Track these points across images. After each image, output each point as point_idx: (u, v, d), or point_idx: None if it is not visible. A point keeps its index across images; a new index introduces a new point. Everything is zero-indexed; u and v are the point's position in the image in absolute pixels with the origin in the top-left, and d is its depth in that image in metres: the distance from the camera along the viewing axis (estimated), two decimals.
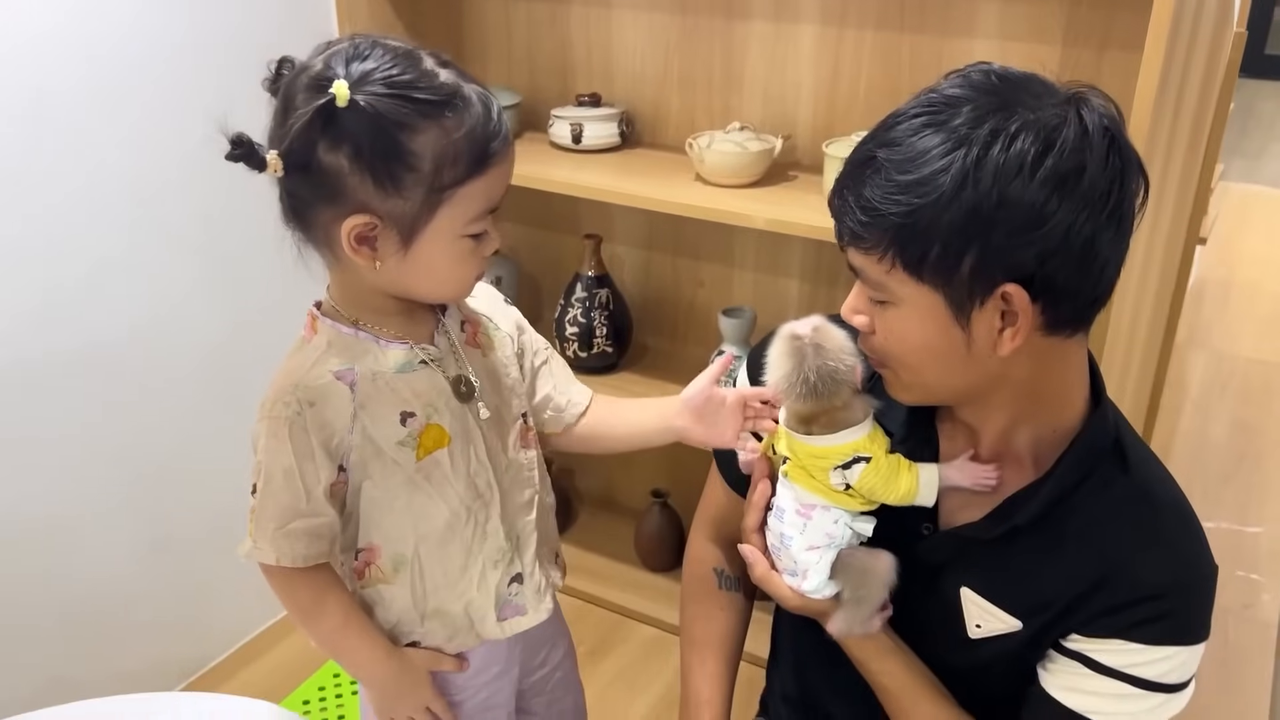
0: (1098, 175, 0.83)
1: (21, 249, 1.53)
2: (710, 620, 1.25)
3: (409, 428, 1.00)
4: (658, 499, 2.22)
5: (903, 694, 1.05)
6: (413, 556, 1.06)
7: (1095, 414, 0.97)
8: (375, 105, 0.88)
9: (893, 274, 0.88)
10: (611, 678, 2.02)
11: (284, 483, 0.98)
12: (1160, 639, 0.94)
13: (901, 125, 0.87)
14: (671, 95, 2.00)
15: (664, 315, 2.20)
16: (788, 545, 1.02)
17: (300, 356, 1.00)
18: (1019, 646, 1.00)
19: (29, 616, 1.66)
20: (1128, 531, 0.95)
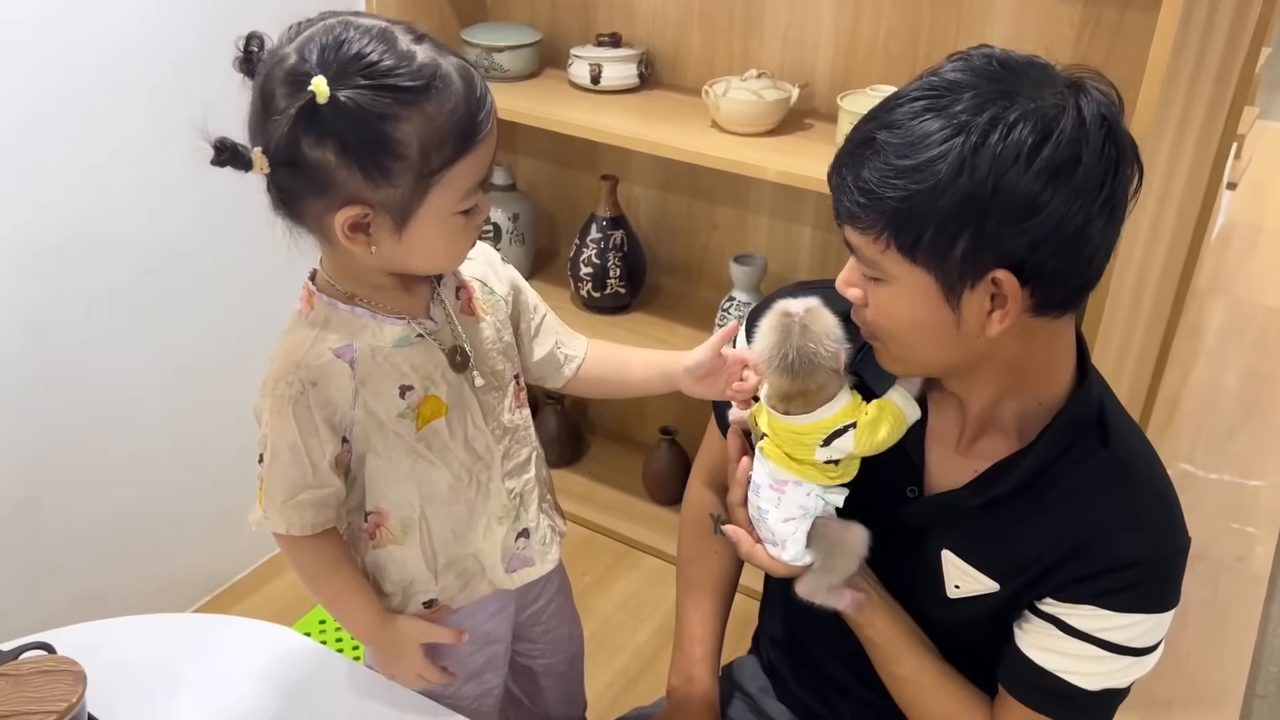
0: (1093, 166, 0.84)
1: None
2: (705, 563, 1.30)
3: (407, 400, 1.02)
4: (666, 436, 2.27)
5: (888, 646, 1.09)
6: (419, 518, 1.09)
7: (1080, 388, 1.00)
8: (356, 99, 0.87)
9: (887, 254, 0.90)
10: (615, 605, 2.09)
11: (290, 458, 1.01)
12: (1130, 607, 0.98)
13: (902, 108, 0.88)
14: (692, 36, 2.00)
15: (678, 257, 2.22)
16: (764, 518, 1.04)
17: (298, 334, 1.01)
18: (996, 606, 1.04)
19: (62, 532, 1.75)
20: (1104, 503, 0.98)
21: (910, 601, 1.10)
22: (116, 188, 1.67)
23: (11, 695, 1.02)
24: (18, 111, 1.52)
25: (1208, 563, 2.24)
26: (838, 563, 1.04)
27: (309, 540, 1.06)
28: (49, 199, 1.59)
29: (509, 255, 2.19)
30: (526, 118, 1.91)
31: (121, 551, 1.85)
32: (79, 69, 1.56)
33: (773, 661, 1.31)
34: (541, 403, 2.40)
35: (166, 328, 1.80)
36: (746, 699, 1.31)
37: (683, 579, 1.32)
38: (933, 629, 1.10)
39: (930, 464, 1.06)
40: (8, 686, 1.03)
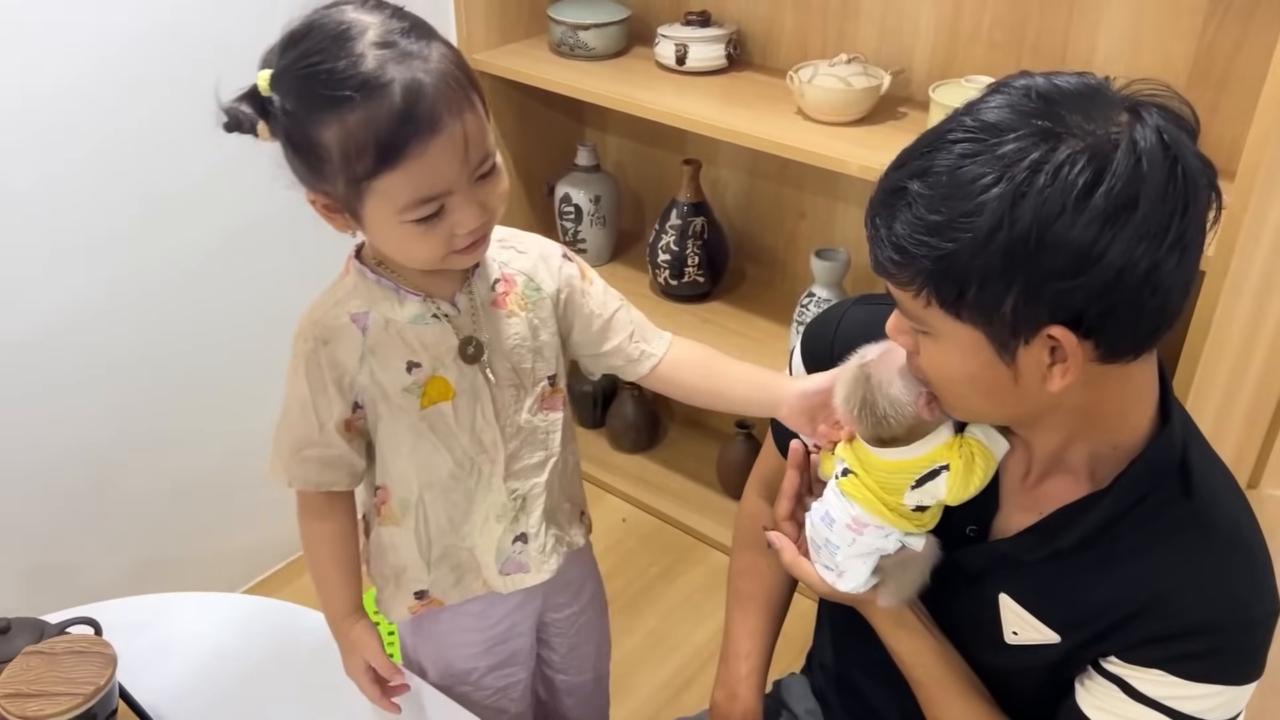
0: (1155, 204, 0.74)
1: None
2: (757, 577, 1.25)
3: (414, 376, 1.03)
4: (742, 429, 2.21)
5: (937, 689, 1.03)
6: (417, 502, 1.09)
7: (1161, 432, 0.91)
8: (286, 100, 0.89)
9: (930, 310, 0.82)
10: (679, 601, 2.06)
11: (300, 413, 1.04)
12: (1204, 676, 0.89)
13: (936, 154, 0.79)
14: (785, 16, 1.91)
15: (763, 245, 2.15)
16: (833, 552, 0.99)
17: (328, 295, 1.04)
18: (1056, 659, 0.97)
19: (125, 504, 1.80)
20: (1180, 558, 0.90)
21: (965, 644, 1.03)
22: (178, 169, 1.68)
23: (44, 674, 1.05)
24: (76, 89, 1.54)
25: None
26: (908, 576, 0.98)
27: (311, 502, 1.09)
28: (114, 181, 1.62)
29: (589, 238, 2.16)
30: (606, 100, 1.86)
31: (181, 526, 1.90)
32: (151, 36, 1.58)
33: (821, 687, 1.26)
34: (620, 387, 2.37)
35: (225, 308, 1.83)
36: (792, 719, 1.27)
37: (733, 591, 1.27)
38: (986, 675, 1.03)
39: (999, 502, 0.98)
40: (41, 665, 1.06)
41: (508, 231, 1.10)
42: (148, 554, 1.83)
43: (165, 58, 1.60)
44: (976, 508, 0.98)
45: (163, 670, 1.14)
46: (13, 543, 1.67)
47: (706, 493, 2.29)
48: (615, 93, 1.84)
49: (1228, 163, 1.52)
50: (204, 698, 1.14)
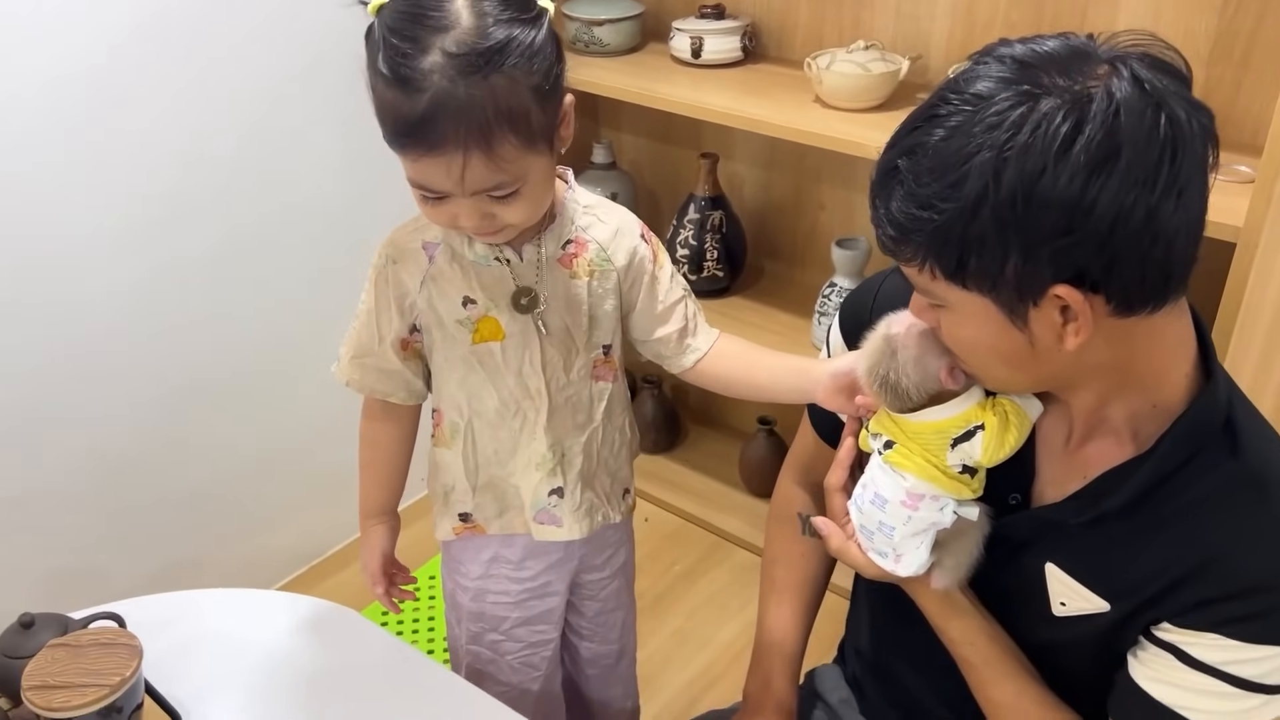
0: (1140, 151, 0.74)
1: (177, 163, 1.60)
2: (791, 565, 1.25)
3: (468, 311, 1.09)
4: (764, 426, 2.20)
5: (987, 669, 1.01)
6: (466, 428, 1.16)
7: (1206, 390, 0.89)
8: (369, 38, 0.95)
9: (936, 282, 0.83)
10: (704, 599, 2.05)
11: (366, 321, 1.13)
12: (1261, 638, 0.87)
13: (920, 129, 0.80)
14: (800, 6, 1.91)
15: (782, 237, 2.14)
16: (888, 534, 0.98)
17: (413, 221, 1.10)
18: (1105, 629, 0.95)
19: (157, 501, 1.80)
20: (1232, 519, 0.88)
21: (1011, 618, 1.02)
22: (199, 174, 1.69)
23: (69, 666, 1.04)
24: (119, 81, 1.55)
25: None
26: (962, 549, 0.97)
27: (369, 406, 1.20)
28: (153, 173, 1.62)
29: None
30: (624, 94, 1.86)
31: (207, 528, 1.90)
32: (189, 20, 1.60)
33: (856, 675, 1.25)
34: (639, 386, 2.36)
35: (251, 311, 1.83)
36: (828, 710, 1.26)
37: (767, 579, 1.27)
38: (1034, 648, 1.02)
39: (1038, 467, 0.97)
40: (67, 657, 1.05)
41: (595, 199, 1.15)
42: (173, 556, 1.83)
43: (173, 55, 1.61)
44: (1018, 476, 0.97)
45: (188, 666, 1.14)
46: (37, 545, 1.67)
47: (729, 491, 2.28)
48: (633, 87, 1.85)
49: (1254, 137, 1.52)
50: (231, 693, 1.13)
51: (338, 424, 1.96)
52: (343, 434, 1.97)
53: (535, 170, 0.97)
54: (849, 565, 1.04)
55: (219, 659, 1.17)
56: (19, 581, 1.63)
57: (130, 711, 1.05)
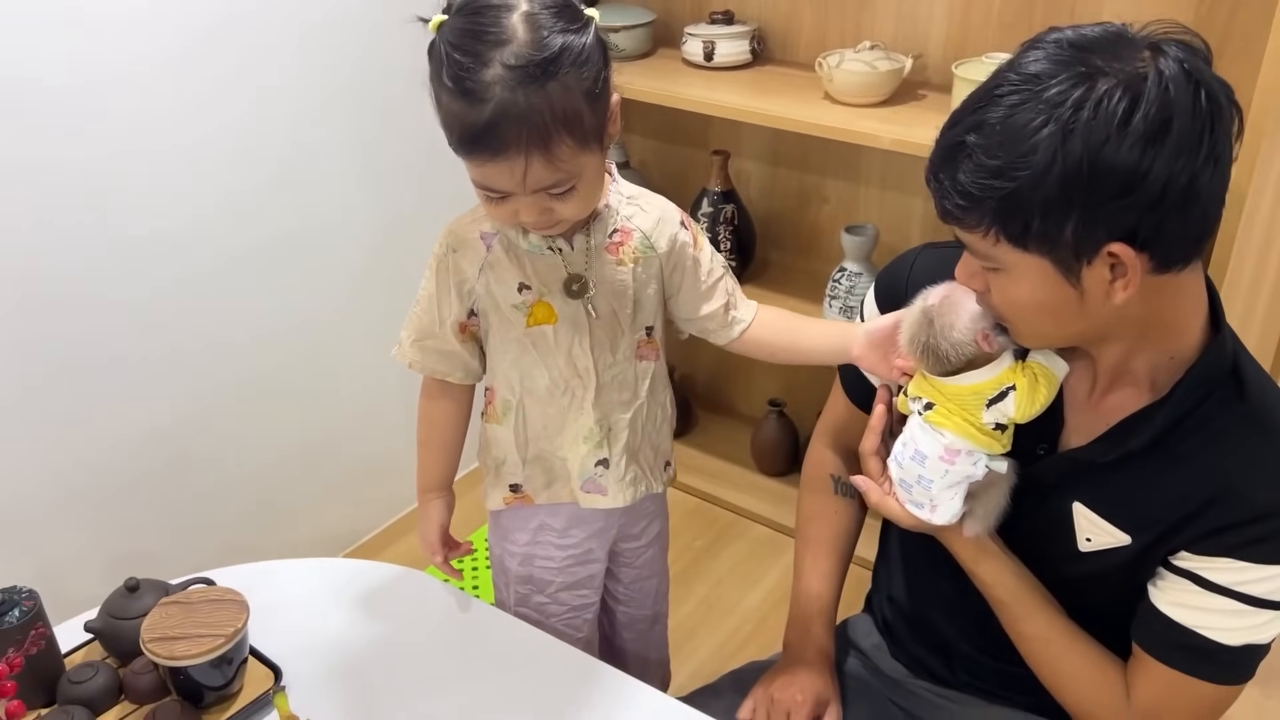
0: (1187, 123, 0.84)
1: (207, 161, 1.69)
2: (824, 522, 1.33)
3: (523, 296, 1.16)
4: (774, 408, 2.30)
5: (1016, 604, 1.10)
6: (517, 405, 1.23)
7: (1214, 341, 0.99)
8: (431, 54, 1.01)
9: (999, 246, 0.91)
10: (726, 570, 2.14)
11: (427, 306, 1.20)
12: (1270, 558, 0.96)
13: (988, 107, 0.89)
14: (804, 11, 2.02)
15: (787, 230, 2.25)
16: (926, 486, 1.05)
17: (471, 213, 1.17)
18: (1127, 560, 1.04)
19: (211, 487, 1.87)
20: (1240, 453, 0.97)
21: (1041, 556, 1.10)
22: (263, 166, 1.78)
23: (184, 620, 1.11)
24: (169, 88, 1.63)
25: None
26: (992, 499, 1.06)
27: (429, 386, 1.27)
28: (192, 171, 1.70)
29: None
30: (643, 94, 1.96)
31: (263, 507, 1.97)
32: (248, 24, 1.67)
33: (888, 621, 1.33)
34: None
35: (304, 293, 1.91)
36: (861, 656, 1.34)
37: (802, 537, 1.35)
38: (1062, 584, 1.10)
39: (1065, 420, 1.06)
40: (180, 613, 1.12)
41: (637, 190, 1.21)
42: (227, 541, 1.90)
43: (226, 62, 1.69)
44: (1045, 428, 1.05)
45: (276, 627, 1.20)
46: (99, 533, 1.73)
47: (742, 472, 2.37)
48: (651, 88, 1.95)
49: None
50: (317, 650, 1.19)
51: (376, 414, 2.06)
52: (380, 424, 2.06)
53: (589, 167, 1.04)
54: (887, 517, 1.12)
55: (302, 619, 1.23)
56: (84, 568, 1.69)
57: (238, 665, 1.12)
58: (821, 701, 1.22)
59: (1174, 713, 1.05)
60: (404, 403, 1.30)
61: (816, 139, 2.02)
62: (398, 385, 2.05)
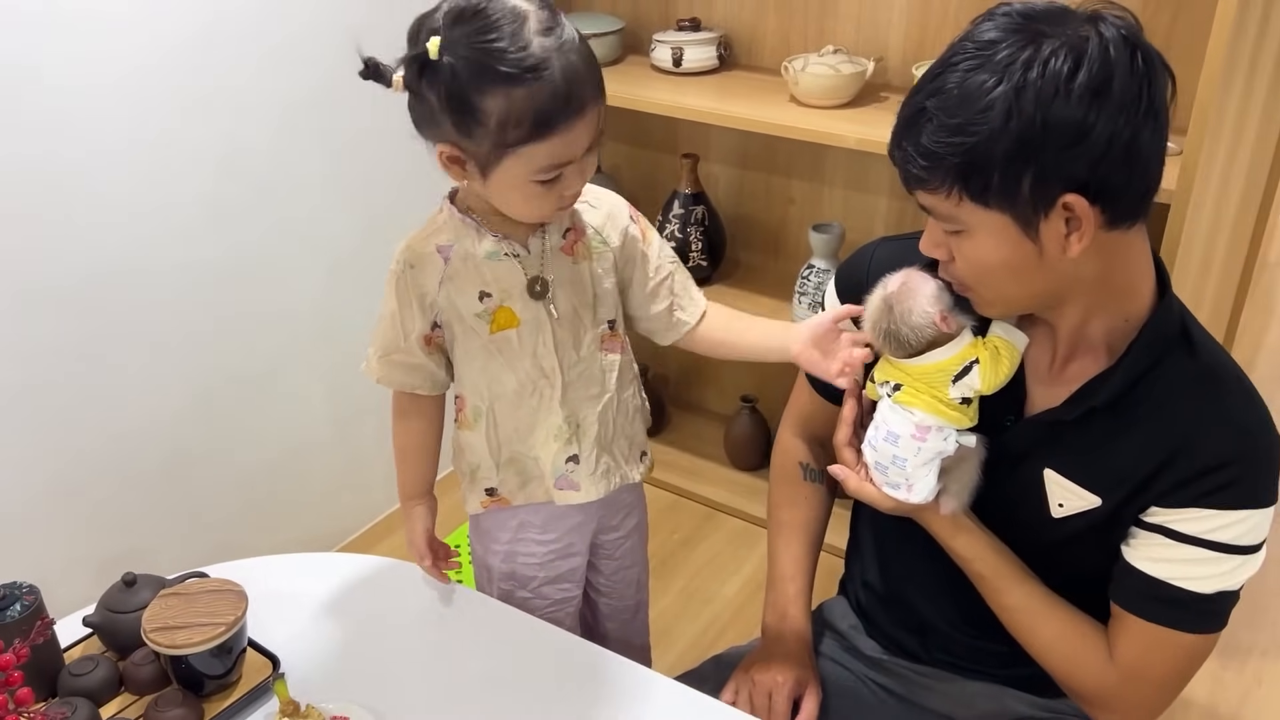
0: (1126, 81, 0.91)
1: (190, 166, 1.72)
2: (795, 508, 1.37)
3: (485, 305, 1.19)
4: (747, 404, 2.35)
5: (995, 577, 1.14)
6: (487, 411, 1.25)
7: (1162, 303, 1.06)
8: (456, 66, 1.02)
9: (962, 206, 0.97)
10: (704, 562, 2.19)
11: (389, 323, 1.22)
12: (1233, 503, 1.01)
13: (945, 74, 0.96)
14: (768, 18, 2.09)
15: (755, 231, 2.31)
16: (901, 466, 1.09)
17: (424, 229, 1.20)
18: (1100, 521, 1.08)
19: (202, 489, 1.89)
20: (1196, 406, 1.03)
21: (1015, 525, 1.14)
22: (256, 166, 1.81)
23: (184, 610, 1.13)
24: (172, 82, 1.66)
25: None
26: (965, 475, 1.11)
27: (398, 400, 1.28)
28: (176, 173, 1.72)
29: None
30: (614, 99, 2.00)
31: (254, 507, 1.99)
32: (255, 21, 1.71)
33: (863, 603, 1.36)
34: None
35: (289, 301, 1.94)
36: (838, 637, 1.38)
37: (774, 523, 1.38)
38: (1039, 552, 1.14)
39: (1028, 391, 1.11)
40: (180, 603, 1.14)
41: (585, 187, 1.23)
42: (218, 540, 1.92)
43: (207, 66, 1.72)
44: (1011, 400, 1.10)
45: (272, 619, 1.22)
46: (94, 532, 1.75)
47: (716, 467, 2.42)
48: (622, 92, 2.00)
49: (1174, 119, 1.71)
50: (314, 640, 1.22)
51: (364, 413, 2.08)
52: (368, 422, 2.09)
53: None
54: (866, 503, 1.15)
55: (297, 612, 1.26)
56: (76, 569, 1.71)
57: (237, 654, 1.14)
58: (801, 681, 1.25)
59: (1155, 666, 1.09)
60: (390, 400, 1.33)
61: (783, 142, 2.10)
62: (374, 391, 2.08)
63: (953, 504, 1.12)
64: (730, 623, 2.02)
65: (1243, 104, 1.63)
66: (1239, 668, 1.90)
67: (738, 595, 2.08)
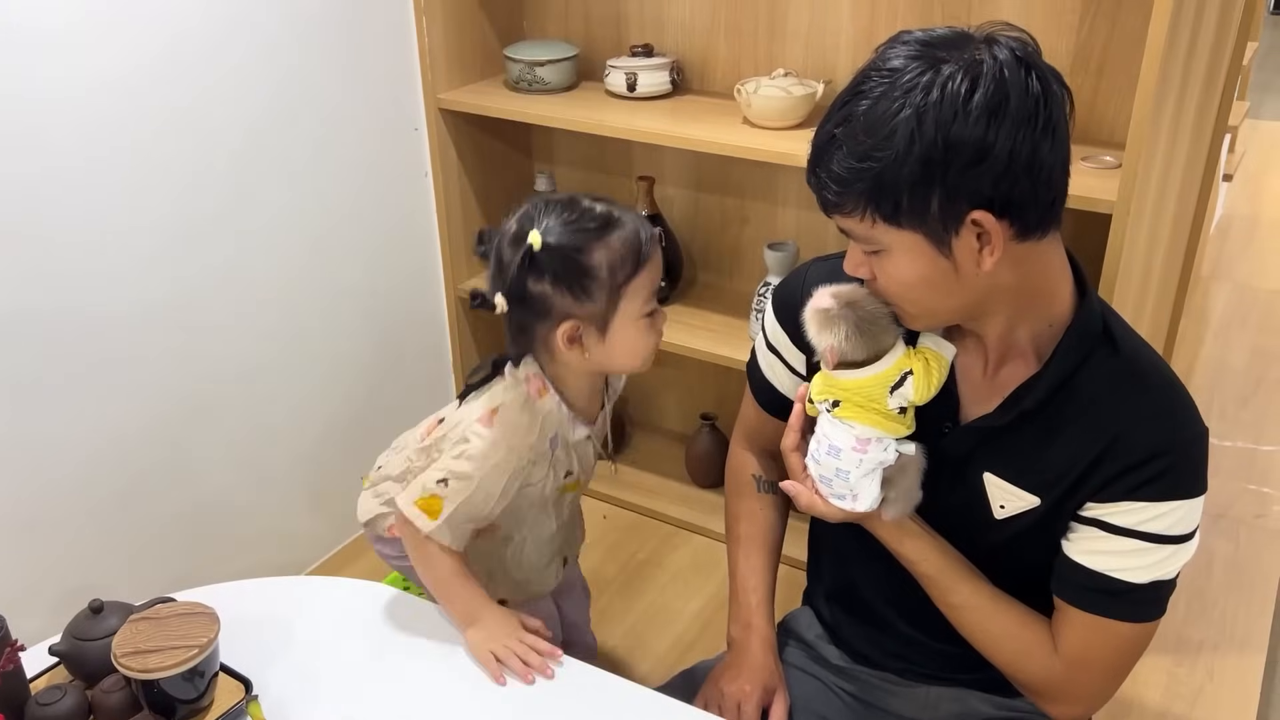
0: (1022, 99, 0.95)
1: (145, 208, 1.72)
2: (752, 520, 1.40)
3: (568, 479, 1.38)
4: (706, 421, 2.38)
5: (941, 577, 1.17)
6: (520, 540, 1.41)
7: (1083, 304, 1.10)
8: (559, 241, 1.20)
9: (876, 228, 1.01)
10: (668, 579, 2.20)
11: (483, 500, 1.27)
12: (1163, 495, 1.06)
13: (852, 103, 1.00)
14: (719, 43, 2.13)
15: (711, 251, 2.35)
16: (844, 478, 1.13)
17: (529, 414, 1.28)
18: (1040, 520, 1.12)
19: (155, 520, 1.86)
20: (1123, 403, 1.07)
21: (960, 528, 1.18)
22: (211, 190, 1.80)
23: (155, 634, 1.12)
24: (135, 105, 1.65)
25: (1229, 520, 2.36)
26: (907, 482, 1.14)
27: (431, 549, 1.30)
28: (137, 198, 1.72)
29: None
30: (572, 123, 2.05)
31: (216, 536, 1.97)
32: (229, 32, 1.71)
33: (827, 613, 1.39)
34: None
35: (242, 332, 1.93)
36: (804, 646, 1.40)
37: (732, 536, 1.41)
38: (984, 553, 1.18)
39: (962, 398, 1.15)
40: (150, 627, 1.13)
41: None
42: (181, 571, 1.89)
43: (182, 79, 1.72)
44: (946, 408, 1.15)
45: (243, 644, 1.21)
46: (48, 567, 1.72)
47: (678, 485, 2.44)
48: (579, 116, 2.04)
49: (1110, 134, 1.81)
50: (286, 664, 1.21)
51: (323, 441, 2.07)
52: (329, 449, 2.08)
53: None
54: (815, 515, 1.19)
55: (269, 634, 1.25)
56: (32, 604, 1.66)
57: (210, 677, 1.13)
58: (769, 689, 1.27)
59: (1097, 655, 1.13)
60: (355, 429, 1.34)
61: (736, 164, 2.14)
62: (344, 410, 2.08)
63: (895, 510, 1.15)
64: (697, 639, 2.03)
65: (1175, 120, 1.70)
66: (1190, 664, 1.95)
67: (703, 611, 2.10)
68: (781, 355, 1.31)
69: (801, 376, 1.29)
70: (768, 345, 1.33)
